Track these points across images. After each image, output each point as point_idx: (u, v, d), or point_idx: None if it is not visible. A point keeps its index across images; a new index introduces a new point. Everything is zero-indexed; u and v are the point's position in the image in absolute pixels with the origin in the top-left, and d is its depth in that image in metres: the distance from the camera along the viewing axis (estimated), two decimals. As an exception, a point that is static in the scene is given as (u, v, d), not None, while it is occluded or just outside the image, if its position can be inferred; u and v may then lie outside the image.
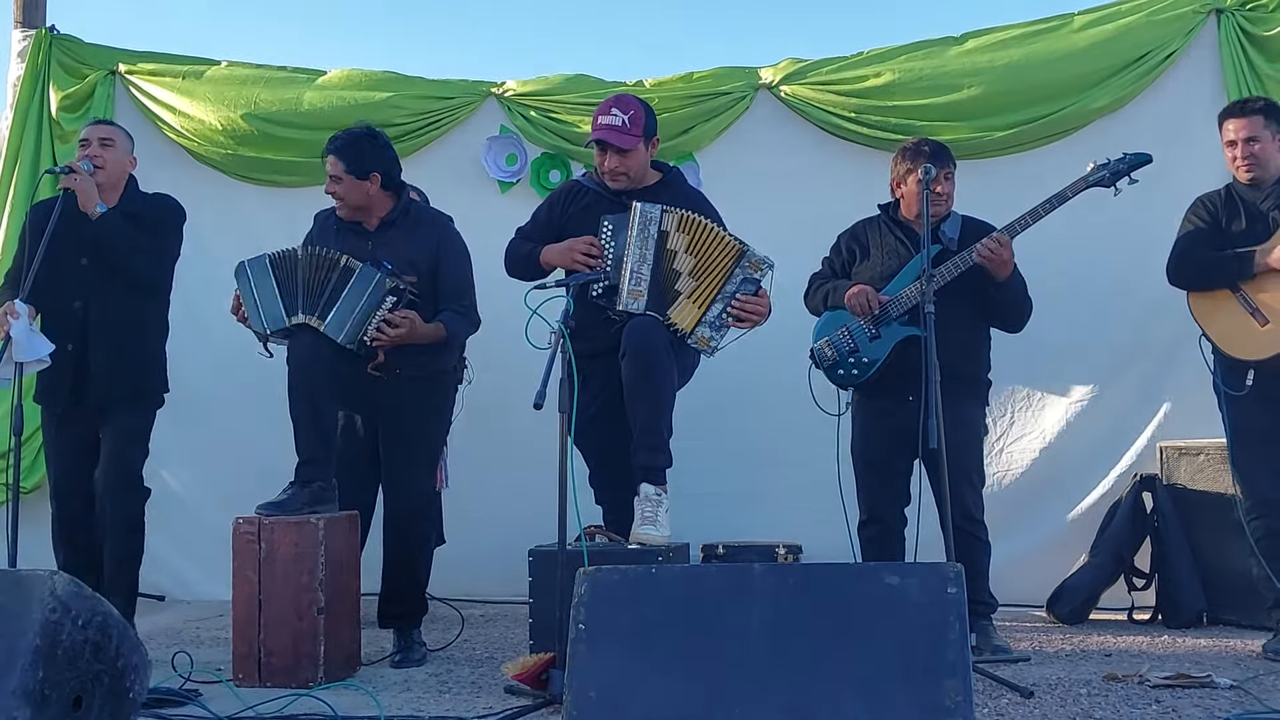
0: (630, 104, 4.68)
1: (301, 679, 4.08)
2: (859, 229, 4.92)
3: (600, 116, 4.65)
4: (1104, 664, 4.32)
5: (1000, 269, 4.56)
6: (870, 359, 4.66)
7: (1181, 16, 5.72)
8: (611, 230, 4.57)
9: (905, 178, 4.75)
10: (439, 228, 4.79)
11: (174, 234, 4.88)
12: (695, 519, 5.36)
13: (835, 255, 4.95)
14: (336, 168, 4.61)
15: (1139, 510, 5.34)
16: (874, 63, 6.01)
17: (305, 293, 4.49)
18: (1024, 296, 4.71)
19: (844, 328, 4.72)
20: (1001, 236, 4.55)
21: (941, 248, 4.63)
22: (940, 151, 4.74)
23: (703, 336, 4.52)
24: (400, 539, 4.65)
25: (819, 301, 4.87)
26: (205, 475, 6.20)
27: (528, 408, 3.65)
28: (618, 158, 4.62)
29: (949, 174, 4.71)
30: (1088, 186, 4.63)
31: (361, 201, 4.64)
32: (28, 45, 6.50)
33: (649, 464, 4.39)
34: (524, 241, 4.81)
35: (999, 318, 4.79)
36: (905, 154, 4.77)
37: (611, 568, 3.04)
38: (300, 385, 4.44)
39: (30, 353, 4.40)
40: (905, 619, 2.85)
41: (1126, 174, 4.60)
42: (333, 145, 4.65)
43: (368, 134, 4.73)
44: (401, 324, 4.42)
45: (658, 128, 4.81)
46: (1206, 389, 4.75)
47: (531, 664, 3.79)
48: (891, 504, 4.67)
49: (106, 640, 3.19)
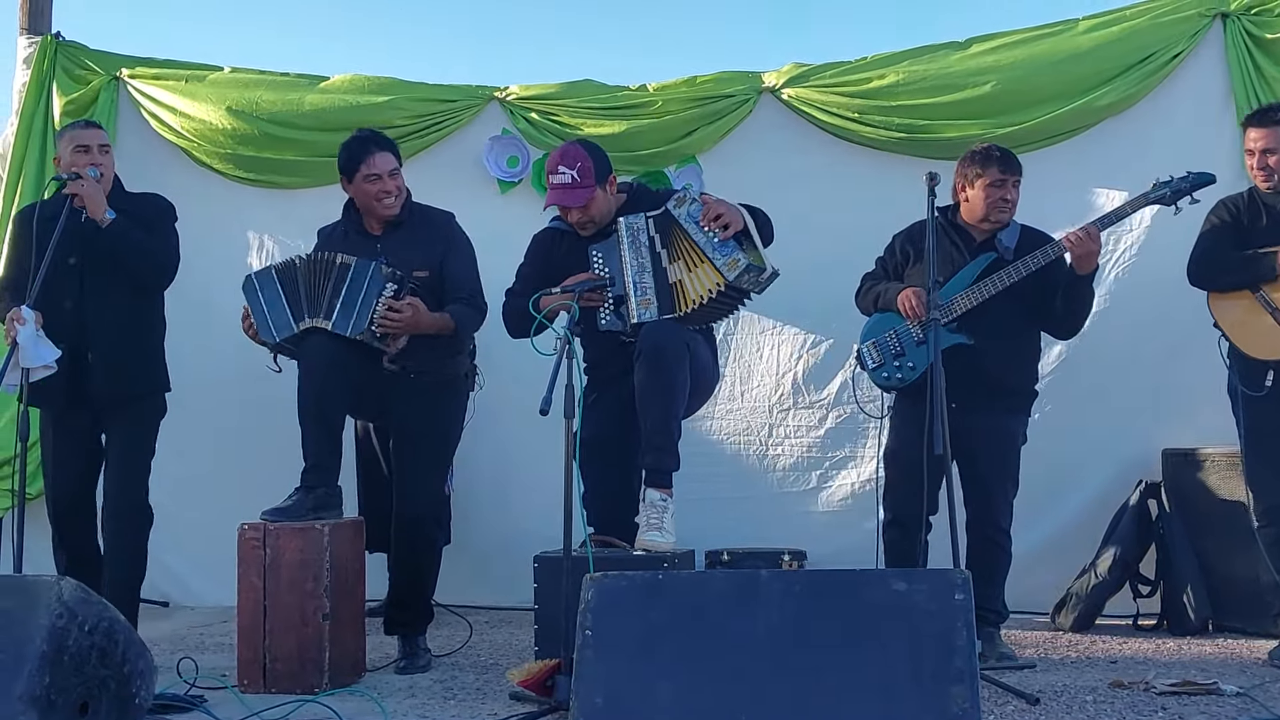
0: (575, 156, 4.60)
1: (306, 685, 4.07)
2: (915, 230, 4.80)
3: (551, 176, 4.61)
4: (1109, 671, 4.32)
5: (1087, 261, 4.50)
6: (916, 364, 4.61)
7: (1187, 20, 5.71)
8: (602, 256, 4.57)
9: (973, 181, 4.67)
10: (444, 224, 4.79)
11: (172, 232, 4.86)
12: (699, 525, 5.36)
13: (889, 256, 4.89)
14: (392, 161, 4.65)
15: (1144, 517, 5.33)
16: (877, 66, 6.00)
17: (309, 297, 4.49)
18: (1093, 297, 4.68)
19: (892, 330, 4.69)
20: (1092, 228, 4.50)
21: (996, 256, 4.60)
22: (1012, 158, 4.69)
23: (733, 261, 4.33)
24: (408, 544, 4.63)
25: (870, 302, 4.82)
26: (210, 480, 6.19)
27: (533, 413, 3.66)
28: (578, 213, 4.61)
29: (1016, 182, 4.65)
30: (1148, 203, 4.63)
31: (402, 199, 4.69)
32: (33, 52, 6.50)
33: (657, 465, 4.38)
34: (517, 299, 4.69)
35: (1060, 320, 4.73)
36: (974, 158, 4.69)
37: (618, 574, 3.04)
38: (309, 390, 4.44)
39: (37, 359, 4.39)
40: (913, 625, 2.85)
41: (1189, 193, 4.58)
42: (384, 144, 4.67)
43: (378, 133, 4.77)
44: (406, 309, 4.43)
45: (611, 165, 4.72)
46: (1211, 394, 4.75)
47: (537, 670, 3.79)
48: (919, 511, 4.57)
49: (113, 646, 3.19)
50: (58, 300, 4.58)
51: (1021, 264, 4.51)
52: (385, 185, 4.62)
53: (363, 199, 4.67)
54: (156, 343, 4.85)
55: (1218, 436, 5.27)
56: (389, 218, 4.66)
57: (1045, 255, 4.53)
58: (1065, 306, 4.65)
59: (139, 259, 4.64)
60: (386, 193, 4.63)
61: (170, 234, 4.83)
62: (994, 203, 4.63)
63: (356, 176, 4.63)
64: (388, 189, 4.62)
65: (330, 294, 4.45)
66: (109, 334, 4.63)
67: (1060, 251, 4.53)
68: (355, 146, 4.65)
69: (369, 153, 4.60)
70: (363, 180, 4.62)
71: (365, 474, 5.32)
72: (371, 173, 4.60)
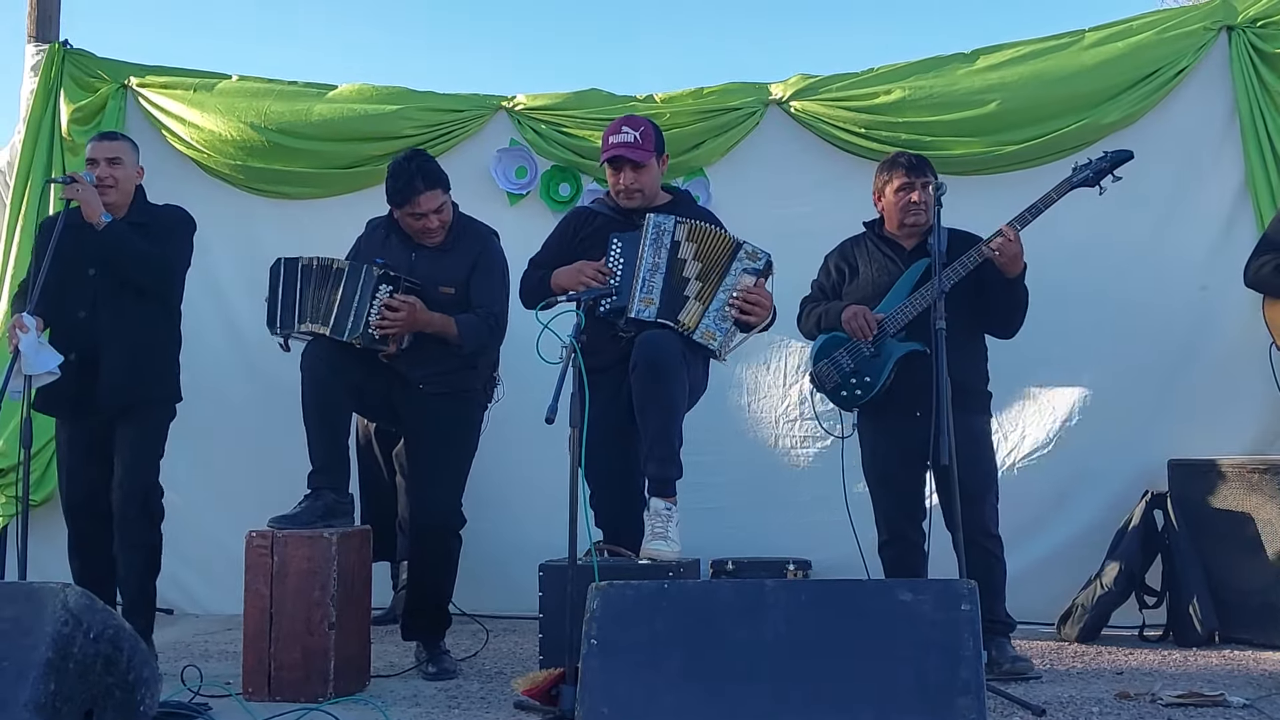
0: (640, 122, 4.71)
1: (311, 693, 4.07)
2: (846, 248, 4.90)
3: (612, 136, 4.67)
4: (1115, 682, 4.30)
5: (1013, 264, 4.52)
6: (872, 378, 4.63)
7: (1192, 33, 5.72)
8: (621, 247, 4.58)
9: (883, 189, 4.76)
10: (481, 240, 4.79)
11: (183, 243, 4.89)
12: (703, 534, 5.36)
13: (825, 277, 4.93)
14: (438, 199, 4.63)
15: (1150, 527, 5.31)
16: (884, 80, 6.01)
17: (312, 301, 4.53)
18: (1027, 296, 4.67)
19: (842, 349, 4.69)
20: (1009, 230, 4.50)
21: (930, 261, 4.62)
22: (918, 162, 4.75)
23: (707, 330, 4.47)
24: (423, 554, 4.66)
25: (812, 325, 4.86)
26: (216, 488, 6.20)
27: (539, 422, 3.66)
28: (633, 174, 4.64)
29: (926, 183, 4.67)
30: (1072, 188, 4.61)
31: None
32: (41, 59, 6.52)
33: (660, 475, 4.38)
34: (536, 269, 4.81)
35: (997, 321, 4.73)
36: (882, 167, 4.81)
37: (624, 583, 3.04)
38: (311, 393, 4.47)
39: (39, 365, 4.41)
40: (919, 636, 2.85)
41: (1109, 171, 4.58)
42: (431, 181, 4.60)
43: (424, 154, 4.78)
44: (402, 307, 4.45)
45: (666, 144, 4.83)
46: (1218, 405, 4.74)
47: (541, 679, 3.78)
48: (911, 522, 4.62)
49: (118, 653, 3.20)
50: (73, 309, 4.64)
51: (953, 270, 4.50)
52: (429, 222, 4.63)
53: (406, 227, 4.69)
54: (169, 355, 4.87)
55: (1225, 447, 5.28)
56: (432, 244, 4.70)
57: (971, 260, 4.53)
58: (999, 308, 4.67)
59: (133, 263, 4.66)
60: (430, 230, 4.65)
61: (179, 244, 4.86)
62: (904, 205, 4.67)
63: (401, 211, 4.65)
64: (430, 225, 4.64)
65: (328, 299, 4.50)
66: (121, 344, 4.66)
67: (975, 264, 4.53)
68: (402, 183, 4.59)
69: (415, 192, 4.57)
70: (407, 215, 4.64)
71: (366, 482, 5.33)
72: (415, 212, 4.61)
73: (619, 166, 4.65)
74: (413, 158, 4.69)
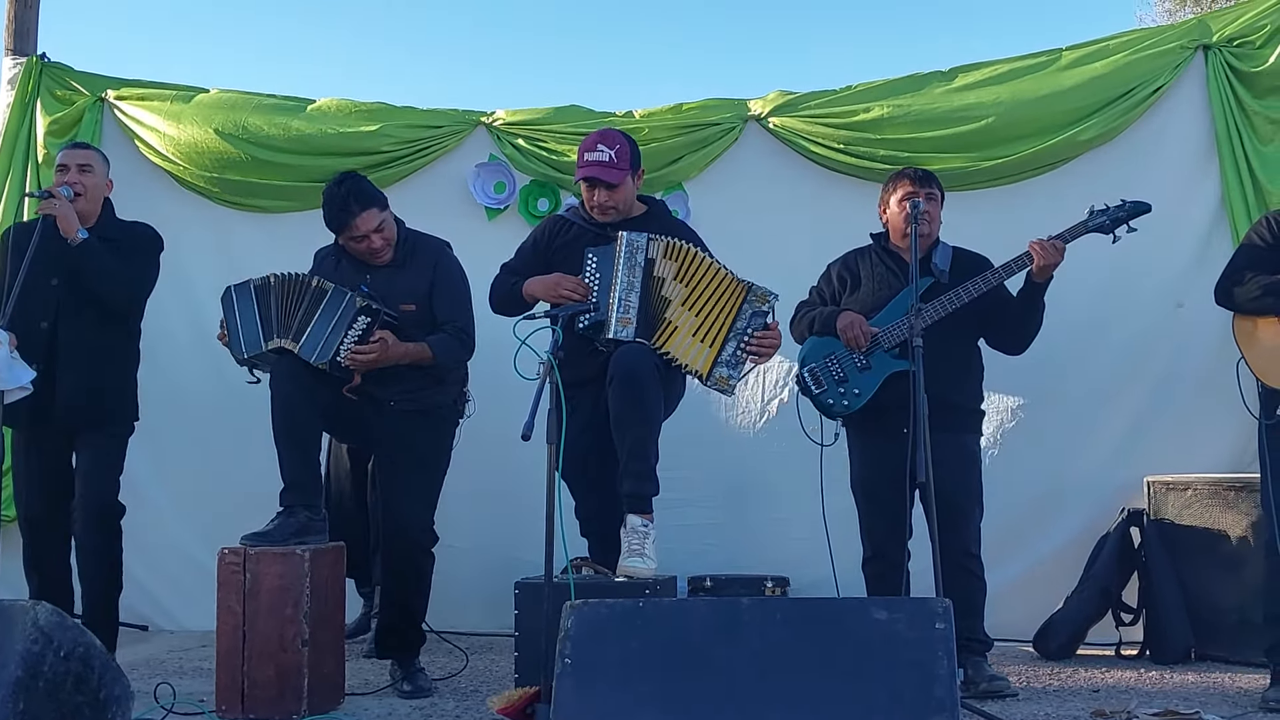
0: (615, 139, 4.70)
1: (285, 711, 4.04)
2: (851, 258, 4.91)
3: (587, 153, 4.66)
4: (1092, 700, 4.30)
5: (1047, 271, 4.52)
6: (860, 390, 4.64)
7: (1169, 52, 5.74)
8: (596, 262, 4.57)
9: (888, 200, 4.77)
10: (435, 253, 4.77)
11: (150, 263, 4.86)
12: (681, 551, 5.34)
13: (825, 284, 4.94)
14: (376, 218, 4.59)
15: (1126, 545, 5.32)
16: (863, 98, 6.02)
17: (280, 318, 4.49)
18: (1043, 311, 4.67)
19: (832, 355, 4.70)
20: (1059, 243, 4.51)
21: (933, 280, 4.62)
22: (925, 175, 4.77)
23: (721, 376, 4.51)
24: (396, 572, 4.64)
25: (805, 328, 4.85)
26: (190, 504, 6.15)
27: (515, 438, 3.64)
28: (606, 192, 4.65)
29: (931, 194, 4.69)
30: (1087, 231, 4.62)
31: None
32: (18, 72, 6.48)
33: (637, 491, 4.36)
34: (508, 276, 4.81)
35: (1014, 333, 4.74)
36: (889, 180, 4.82)
37: (598, 601, 3.03)
38: (280, 410, 4.43)
39: (11, 380, 4.37)
40: (893, 654, 2.85)
41: (1125, 222, 4.60)
42: (365, 201, 4.56)
43: (356, 176, 4.73)
44: (373, 349, 4.42)
45: (642, 159, 4.84)
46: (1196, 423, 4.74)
47: (517, 698, 3.76)
48: (895, 540, 4.57)
49: (89, 671, 3.16)
50: (35, 320, 4.60)
51: (964, 290, 4.52)
52: (371, 243, 4.61)
53: (351, 250, 4.67)
54: (127, 372, 4.84)
55: (1201, 465, 5.29)
56: (381, 264, 4.67)
57: (987, 281, 4.54)
58: (1019, 318, 4.67)
59: (103, 281, 4.64)
60: (374, 250, 4.63)
61: (148, 264, 4.83)
62: (908, 214, 4.59)
63: (343, 236, 4.64)
64: (374, 245, 4.62)
65: (302, 317, 4.46)
66: (80, 361, 4.64)
67: (1004, 278, 4.56)
68: (336, 208, 4.57)
69: (350, 216, 4.55)
70: (349, 240, 4.63)
71: (332, 501, 5.27)
72: (355, 235, 4.59)
73: (593, 185, 4.66)
74: (343, 181, 4.63)
